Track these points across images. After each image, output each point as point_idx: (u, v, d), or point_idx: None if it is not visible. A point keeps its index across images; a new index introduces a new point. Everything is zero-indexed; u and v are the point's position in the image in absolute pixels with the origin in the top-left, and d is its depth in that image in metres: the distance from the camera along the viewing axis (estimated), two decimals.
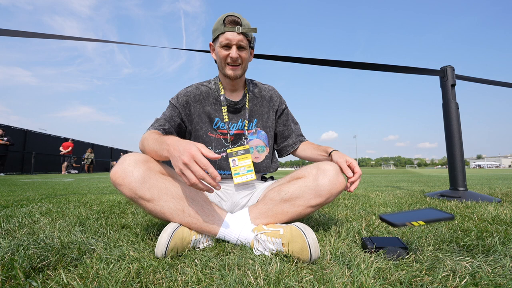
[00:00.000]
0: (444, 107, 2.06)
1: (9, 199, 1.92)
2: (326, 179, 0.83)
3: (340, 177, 0.85)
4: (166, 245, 0.67)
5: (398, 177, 6.16)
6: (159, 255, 0.67)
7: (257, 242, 0.74)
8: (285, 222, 0.85)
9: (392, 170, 19.91)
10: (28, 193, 2.41)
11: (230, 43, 0.93)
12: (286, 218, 0.85)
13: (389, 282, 0.54)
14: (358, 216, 1.22)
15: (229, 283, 0.52)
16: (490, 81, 2.31)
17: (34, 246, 0.73)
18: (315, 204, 0.85)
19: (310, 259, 0.65)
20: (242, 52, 0.95)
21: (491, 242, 0.79)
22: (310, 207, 0.85)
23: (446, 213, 0.68)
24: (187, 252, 0.72)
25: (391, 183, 4.10)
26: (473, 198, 1.76)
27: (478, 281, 0.53)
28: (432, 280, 0.54)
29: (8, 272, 0.56)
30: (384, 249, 0.69)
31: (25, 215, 1.24)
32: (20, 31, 1.21)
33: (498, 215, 1.19)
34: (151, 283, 0.53)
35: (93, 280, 0.53)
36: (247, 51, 0.97)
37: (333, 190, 0.84)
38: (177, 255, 0.70)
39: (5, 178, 6.07)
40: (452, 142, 1.98)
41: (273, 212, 0.84)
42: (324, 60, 1.91)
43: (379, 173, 11.68)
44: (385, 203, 1.66)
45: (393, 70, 2.08)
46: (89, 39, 1.48)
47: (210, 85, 1.06)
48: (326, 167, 0.85)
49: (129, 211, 1.39)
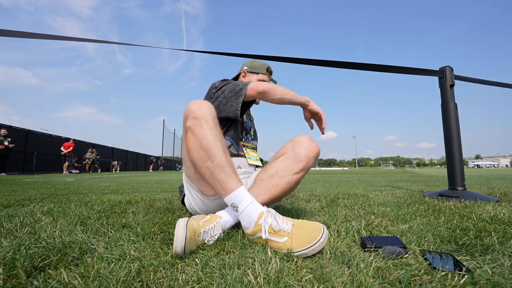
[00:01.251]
0: (443, 108, 2.06)
1: (11, 199, 1.92)
2: (302, 147, 1.00)
3: (313, 143, 1.02)
4: (185, 237, 0.67)
5: (397, 177, 6.16)
6: (179, 251, 0.66)
7: (267, 213, 0.79)
8: (279, 195, 0.98)
9: (391, 170, 19.95)
10: (29, 193, 2.41)
11: None
12: (279, 190, 0.97)
13: (388, 281, 0.55)
14: (358, 216, 1.23)
15: (229, 282, 0.53)
16: (488, 82, 2.31)
17: (35, 246, 0.73)
18: (299, 170, 0.99)
19: (320, 237, 0.70)
20: None
21: (490, 241, 0.79)
22: (295, 173, 0.98)
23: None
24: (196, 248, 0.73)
25: (390, 182, 4.10)
26: (471, 197, 1.76)
27: (477, 280, 0.54)
28: (431, 279, 0.55)
29: (9, 271, 0.56)
30: (383, 249, 0.70)
31: (27, 215, 1.24)
32: (21, 32, 1.21)
33: (497, 215, 1.19)
34: (152, 282, 0.54)
35: (94, 279, 0.54)
36: None
37: (309, 154, 1.00)
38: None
39: (7, 178, 6.07)
40: (450, 142, 1.98)
41: (266, 189, 0.96)
42: (324, 61, 1.91)
43: (378, 173, 11.69)
44: (384, 203, 1.66)
45: (393, 70, 2.09)
46: (90, 40, 1.48)
47: None
48: (299, 138, 1.04)
49: (130, 211, 1.40)
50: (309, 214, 1.28)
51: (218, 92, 1.14)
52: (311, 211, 1.39)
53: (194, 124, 0.87)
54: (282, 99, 1.10)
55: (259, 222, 0.77)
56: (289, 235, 0.73)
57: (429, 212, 1.33)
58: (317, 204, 1.64)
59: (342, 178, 5.81)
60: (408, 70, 2.11)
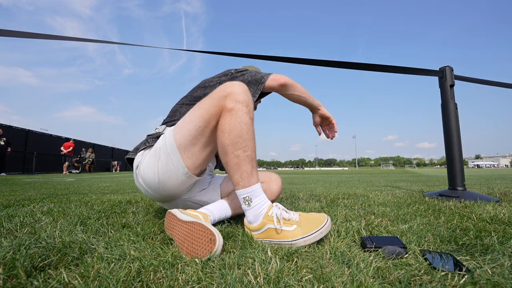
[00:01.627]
0: (443, 108, 2.06)
1: (11, 199, 1.92)
2: (276, 185, 1.18)
3: (280, 182, 1.22)
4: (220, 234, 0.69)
5: (397, 177, 6.16)
6: (220, 248, 0.67)
7: (276, 207, 0.84)
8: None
9: (391, 170, 19.94)
10: (29, 193, 2.41)
11: None
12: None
13: (388, 281, 0.55)
14: (358, 216, 1.23)
15: (229, 282, 0.53)
16: (488, 82, 2.31)
17: (35, 246, 0.73)
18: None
19: (326, 222, 0.79)
20: None
21: (490, 241, 0.79)
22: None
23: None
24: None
25: (390, 182, 4.10)
26: (471, 197, 1.76)
27: (477, 280, 0.54)
28: (431, 279, 0.55)
29: (9, 271, 0.56)
30: (383, 249, 0.69)
31: (27, 215, 1.24)
32: (21, 32, 1.21)
33: (497, 215, 1.19)
34: (152, 282, 0.54)
35: (94, 279, 0.54)
36: None
37: (280, 191, 1.20)
38: (179, 255, 0.70)
39: (7, 178, 6.07)
40: (450, 142, 1.98)
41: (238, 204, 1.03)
42: (324, 61, 1.91)
43: (378, 173, 11.69)
44: (384, 203, 1.66)
45: (392, 70, 2.09)
46: (90, 40, 1.48)
47: None
48: (273, 176, 1.21)
49: (130, 211, 1.40)
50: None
51: (238, 73, 1.09)
52: (311, 211, 1.39)
53: (238, 108, 0.83)
54: (299, 97, 1.09)
55: (269, 213, 0.81)
56: (298, 223, 0.80)
57: (429, 212, 1.33)
58: (317, 204, 1.64)
59: (342, 178, 5.81)
60: (408, 70, 2.11)
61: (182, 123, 0.93)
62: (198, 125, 0.88)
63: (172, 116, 1.08)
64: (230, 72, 1.12)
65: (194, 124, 0.89)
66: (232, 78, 1.09)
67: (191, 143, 0.90)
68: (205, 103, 0.89)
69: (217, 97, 0.86)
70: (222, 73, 1.14)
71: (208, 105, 0.87)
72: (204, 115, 0.87)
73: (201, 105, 0.90)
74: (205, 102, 0.89)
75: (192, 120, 0.90)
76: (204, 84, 1.13)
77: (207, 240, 0.68)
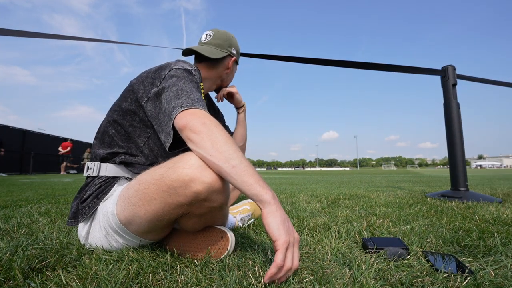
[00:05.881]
0: (445, 107, 2.05)
1: (8, 200, 1.92)
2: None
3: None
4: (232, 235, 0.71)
5: (399, 177, 6.15)
6: (233, 247, 0.70)
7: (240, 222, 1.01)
8: None
9: (393, 170, 19.89)
10: (26, 194, 2.41)
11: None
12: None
13: (390, 283, 0.54)
14: (359, 217, 1.22)
15: (228, 284, 0.52)
16: (491, 81, 2.30)
17: (32, 247, 0.73)
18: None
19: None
20: None
21: (493, 243, 0.78)
22: None
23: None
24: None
25: (392, 183, 4.09)
26: (474, 198, 1.75)
27: (480, 282, 0.53)
28: (433, 281, 0.54)
29: (6, 273, 0.56)
30: (385, 250, 0.69)
31: (24, 216, 1.24)
32: (18, 31, 1.21)
33: (500, 216, 1.18)
34: (151, 284, 0.53)
35: (92, 281, 0.53)
36: None
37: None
38: (177, 255, 0.69)
39: (4, 179, 6.08)
40: (453, 142, 1.97)
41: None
42: (326, 60, 1.91)
43: (380, 173, 11.66)
44: (386, 204, 1.65)
45: (394, 69, 2.08)
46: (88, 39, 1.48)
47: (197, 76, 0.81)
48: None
49: None
50: (310, 215, 1.27)
51: (162, 88, 0.74)
52: (312, 211, 1.39)
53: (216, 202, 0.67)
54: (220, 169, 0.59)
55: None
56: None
57: (431, 213, 1.32)
58: (318, 204, 1.63)
59: (343, 179, 5.79)
60: (410, 69, 2.11)
61: (125, 206, 0.66)
62: (151, 220, 0.65)
63: (101, 142, 0.82)
64: (160, 79, 0.76)
65: (145, 218, 0.64)
66: (157, 93, 0.74)
67: (144, 229, 0.68)
68: (154, 194, 0.61)
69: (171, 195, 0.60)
70: (151, 76, 0.78)
71: (162, 203, 0.61)
72: (160, 213, 0.63)
73: (149, 196, 0.62)
74: (154, 193, 0.61)
75: (139, 212, 0.64)
76: (132, 88, 0.80)
77: (218, 238, 0.70)
